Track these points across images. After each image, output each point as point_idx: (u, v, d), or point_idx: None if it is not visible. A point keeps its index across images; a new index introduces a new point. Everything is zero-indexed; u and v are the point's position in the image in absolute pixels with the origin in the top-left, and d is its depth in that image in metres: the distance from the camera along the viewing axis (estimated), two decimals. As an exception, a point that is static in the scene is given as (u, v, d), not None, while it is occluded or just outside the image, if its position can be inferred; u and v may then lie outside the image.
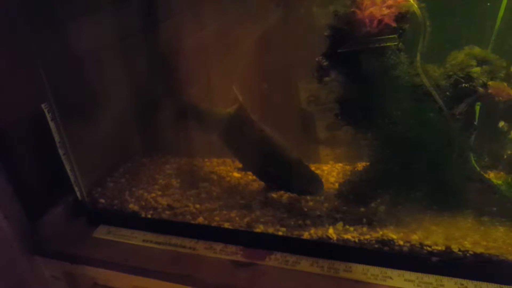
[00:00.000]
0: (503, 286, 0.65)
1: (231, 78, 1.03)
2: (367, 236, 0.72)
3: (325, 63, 0.73)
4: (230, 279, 0.73)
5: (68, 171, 0.86)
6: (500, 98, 0.70)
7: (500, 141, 0.79)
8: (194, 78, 1.07)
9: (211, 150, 1.04)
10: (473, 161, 0.77)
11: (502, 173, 0.82)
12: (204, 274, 0.74)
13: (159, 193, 0.93)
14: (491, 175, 0.82)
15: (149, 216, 0.87)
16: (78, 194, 0.89)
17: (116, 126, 1.02)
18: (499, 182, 0.76)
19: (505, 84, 0.70)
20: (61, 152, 0.84)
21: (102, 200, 0.92)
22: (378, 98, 0.72)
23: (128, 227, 0.87)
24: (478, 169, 0.77)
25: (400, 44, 0.70)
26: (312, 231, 0.76)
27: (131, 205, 0.89)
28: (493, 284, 0.66)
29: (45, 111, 0.81)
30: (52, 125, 0.82)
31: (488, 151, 0.82)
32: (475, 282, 0.66)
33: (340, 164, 0.98)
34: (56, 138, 0.83)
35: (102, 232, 0.87)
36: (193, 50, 1.02)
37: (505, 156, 0.80)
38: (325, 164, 0.99)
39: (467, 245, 0.68)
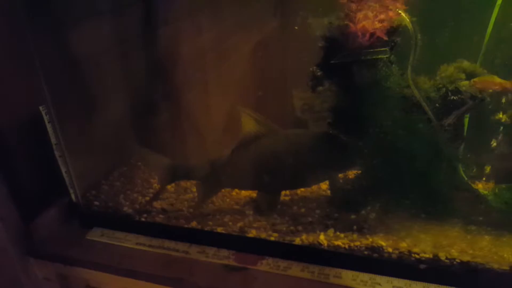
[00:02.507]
0: (488, 294, 0.67)
1: (226, 85, 1.04)
2: (357, 243, 0.73)
3: (319, 73, 0.75)
4: (222, 283, 0.74)
5: (64, 173, 0.87)
6: (490, 90, 0.70)
7: (487, 152, 0.82)
8: (189, 83, 1.08)
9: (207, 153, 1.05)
10: (461, 171, 0.79)
11: (489, 183, 0.84)
12: (197, 277, 0.75)
13: (154, 196, 0.94)
14: (479, 186, 0.84)
15: (143, 219, 0.87)
16: (72, 196, 0.90)
17: (112, 130, 1.03)
18: (486, 192, 0.78)
19: (494, 76, 0.71)
20: (57, 154, 0.85)
21: (97, 203, 0.93)
22: (370, 108, 0.74)
23: (122, 230, 0.88)
24: (466, 179, 0.79)
25: (392, 56, 0.72)
26: (304, 237, 0.77)
27: (125, 208, 0.90)
28: (478, 291, 0.67)
29: (43, 113, 0.82)
30: (49, 127, 0.83)
31: (476, 162, 0.84)
32: (461, 290, 0.68)
33: (333, 172, 0.99)
34: (53, 140, 0.84)
35: (96, 235, 0.88)
36: (188, 56, 1.04)
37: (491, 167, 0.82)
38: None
39: (454, 253, 0.69)
